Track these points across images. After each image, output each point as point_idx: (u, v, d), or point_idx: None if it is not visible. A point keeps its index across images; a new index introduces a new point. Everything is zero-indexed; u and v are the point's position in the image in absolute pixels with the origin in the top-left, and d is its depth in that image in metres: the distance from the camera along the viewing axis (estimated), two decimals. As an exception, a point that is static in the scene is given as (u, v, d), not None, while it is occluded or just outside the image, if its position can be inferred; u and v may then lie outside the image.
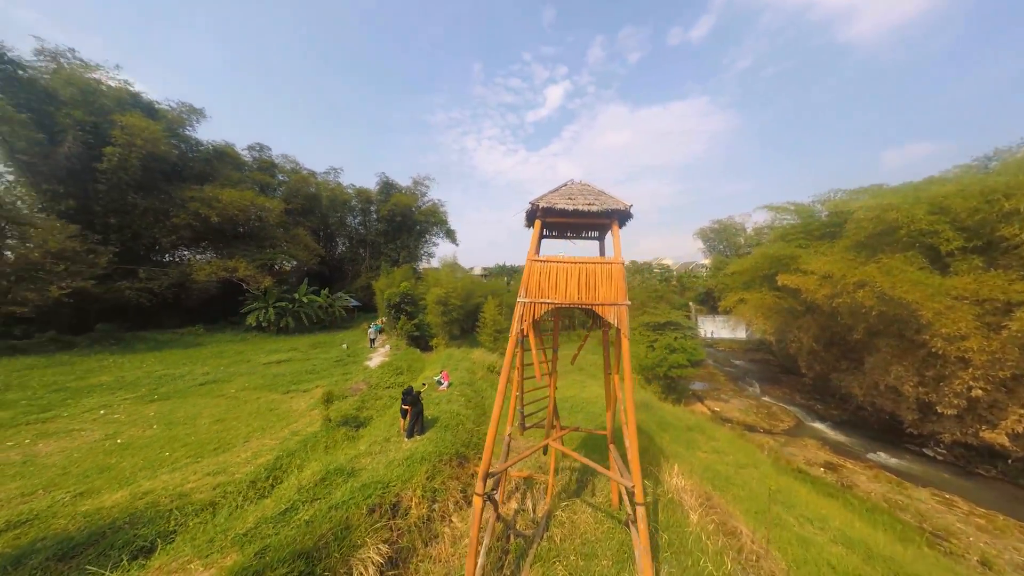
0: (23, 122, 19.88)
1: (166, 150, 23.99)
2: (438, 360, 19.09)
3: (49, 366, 15.87)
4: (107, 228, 23.66)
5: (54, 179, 21.76)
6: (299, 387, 14.20)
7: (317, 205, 41.20)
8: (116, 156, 21.72)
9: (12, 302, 16.88)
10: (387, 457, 7.92)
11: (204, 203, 24.95)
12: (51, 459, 8.18)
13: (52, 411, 11.12)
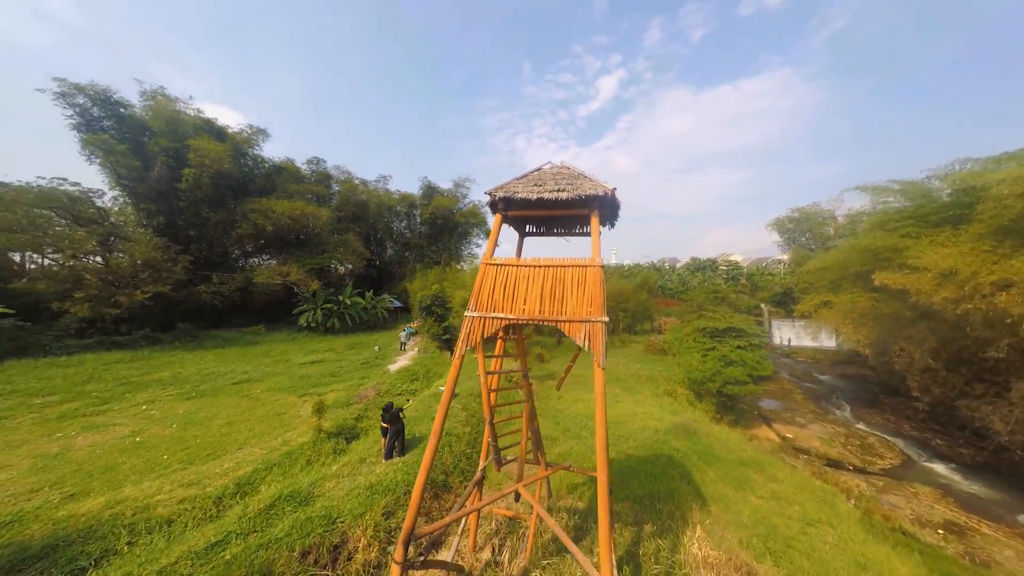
0: (124, 152, 23.61)
1: (231, 168, 26.90)
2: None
3: (130, 360, 18.38)
4: (188, 240, 27.25)
5: (148, 199, 25.58)
6: (316, 390, 14.51)
7: (366, 212, 43.70)
8: (191, 176, 24.82)
9: (109, 304, 20.01)
10: (353, 482, 7.25)
11: (261, 214, 27.53)
12: (78, 454, 8.95)
13: (109, 404, 12.55)
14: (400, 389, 14.51)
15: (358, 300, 32.53)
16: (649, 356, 28.95)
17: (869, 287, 17.64)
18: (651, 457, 11.00)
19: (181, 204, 26.20)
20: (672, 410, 16.99)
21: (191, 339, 24.71)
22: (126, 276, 20.89)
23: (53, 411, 11.79)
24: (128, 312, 21.51)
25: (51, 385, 14.03)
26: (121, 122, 24.64)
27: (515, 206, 5.82)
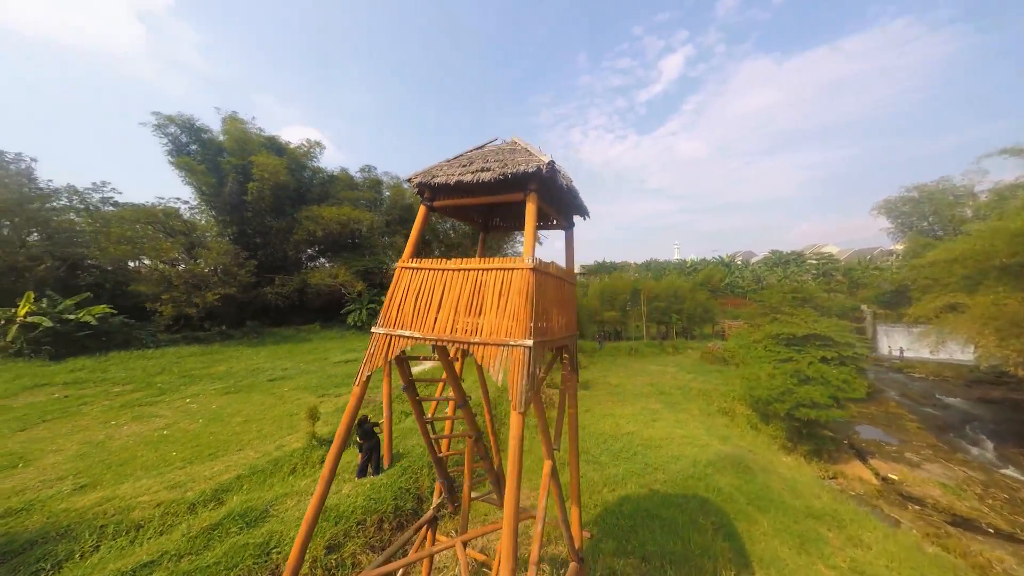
0: (203, 171, 27.25)
1: (288, 180, 29.57)
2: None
3: (200, 354, 20.93)
4: (255, 246, 30.66)
5: (224, 211, 29.27)
6: (337, 390, 14.87)
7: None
8: (255, 189, 27.77)
9: (187, 304, 23.15)
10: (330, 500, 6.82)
11: (312, 220, 29.87)
12: (114, 443, 9.97)
13: (164, 396, 14.14)
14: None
15: (400, 300, 33.81)
16: (706, 366, 25.42)
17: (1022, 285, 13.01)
18: (680, 498, 9.05)
19: (248, 215, 29.51)
20: (723, 435, 14.33)
21: (256, 336, 27.69)
22: (201, 280, 23.99)
23: (122, 399, 13.58)
24: (206, 311, 24.76)
25: (132, 375, 16.35)
26: (203, 145, 28.47)
27: (441, 193, 4.74)
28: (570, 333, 5.17)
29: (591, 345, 28.85)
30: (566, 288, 5.08)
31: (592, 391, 19.29)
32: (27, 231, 23.03)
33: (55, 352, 18.33)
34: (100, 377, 15.95)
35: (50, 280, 22.79)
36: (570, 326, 5.18)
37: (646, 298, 32.53)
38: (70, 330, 19.12)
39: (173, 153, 27.23)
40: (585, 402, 17.00)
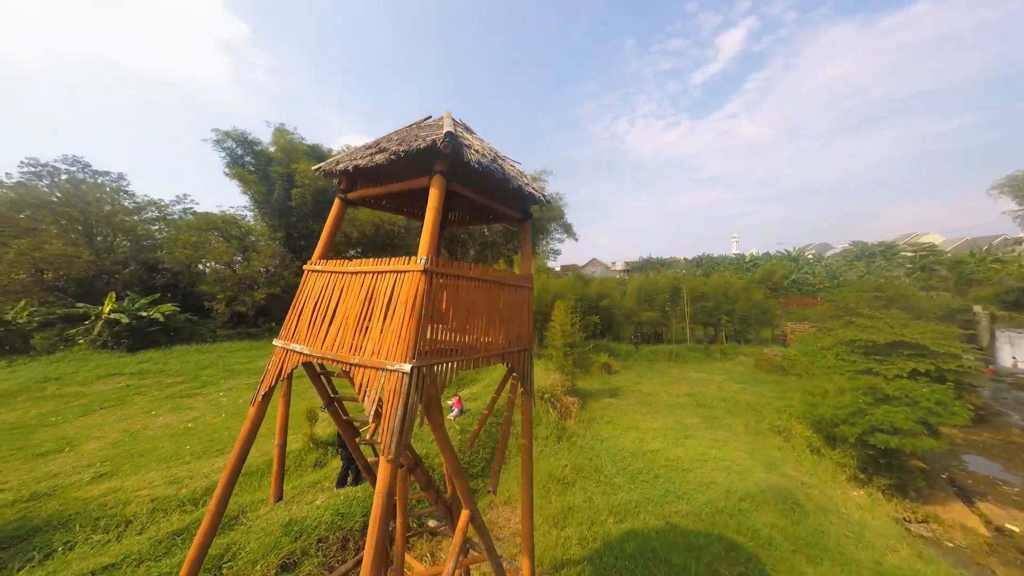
0: (254, 180, 29.80)
1: (326, 185, 31.31)
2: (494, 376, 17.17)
3: (247, 349, 22.79)
4: (300, 248, 32.96)
5: (273, 216, 31.83)
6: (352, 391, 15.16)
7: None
8: (297, 195, 29.78)
9: (238, 303, 25.45)
10: (285, 512, 6.65)
11: (348, 222, 31.33)
12: (145, 434, 10.88)
13: (205, 388, 15.41)
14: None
15: (432, 299, 34.48)
16: (759, 375, 22.45)
17: None
18: (701, 537, 7.67)
19: (293, 219, 31.75)
20: (770, 460, 12.31)
21: (301, 332, 29.77)
22: (250, 280, 26.24)
23: (170, 390, 15.02)
24: (256, 309, 27.14)
25: (184, 368, 18.13)
26: (255, 156, 31.14)
27: (356, 182, 4.12)
28: (519, 348, 4.30)
29: (626, 348, 26.95)
30: (511, 294, 4.21)
31: (620, 399, 17.79)
32: (117, 239, 26.77)
33: (131, 345, 21.06)
34: (159, 368, 17.88)
35: (134, 281, 26.37)
36: (520, 339, 4.31)
37: (690, 297, 29.71)
38: (143, 326, 21.85)
39: (230, 165, 30.08)
40: (609, 412, 15.67)
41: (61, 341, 20.48)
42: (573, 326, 16.99)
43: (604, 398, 17.65)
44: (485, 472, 9.71)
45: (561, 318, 16.97)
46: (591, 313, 25.93)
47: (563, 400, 14.32)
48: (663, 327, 31.64)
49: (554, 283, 22.35)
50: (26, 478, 8.04)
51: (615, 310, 28.93)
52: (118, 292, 23.28)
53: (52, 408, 12.72)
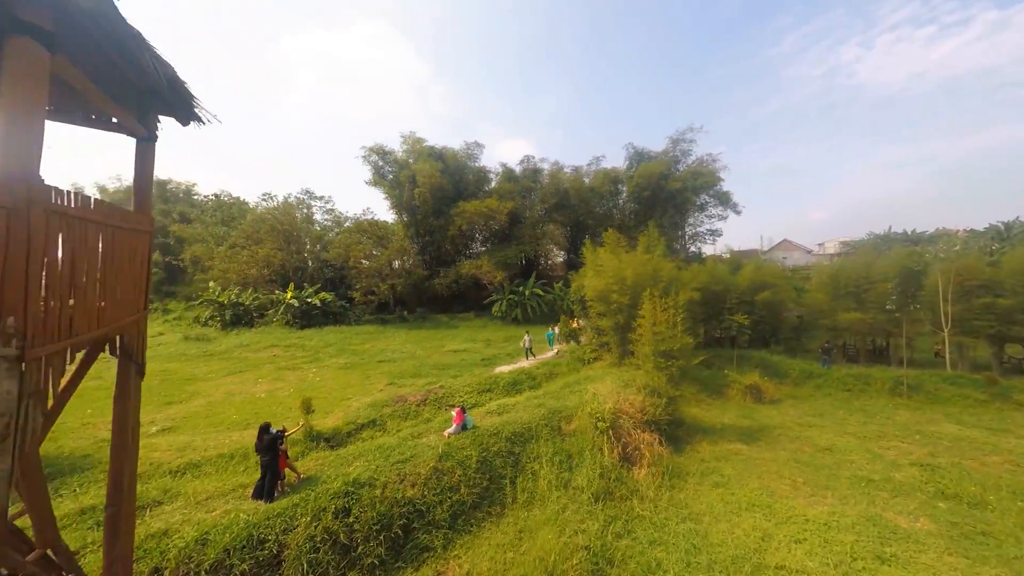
0: (388, 185, 35.09)
1: (440, 181, 33.80)
2: (569, 380, 13.74)
3: (371, 333, 26.66)
4: (425, 244, 36.98)
5: (405, 213, 36.81)
6: (411, 381, 14.91)
7: (568, 200, 43.34)
8: (419, 194, 33.30)
9: (371, 292, 30.26)
10: (194, 516, 6.08)
11: (459, 215, 32.93)
12: (233, 399, 13.19)
13: (311, 363, 18.29)
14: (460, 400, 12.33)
15: (538, 291, 32.60)
16: (910, 406, 10.72)
17: None
18: None
19: (419, 217, 35.80)
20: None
21: (423, 319, 33.30)
22: (379, 272, 30.84)
23: (292, 362, 18.49)
24: (394, 298, 32.03)
25: (316, 344, 22.31)
26: (393, 165, 36.66)
27: None
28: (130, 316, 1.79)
29: (804, 365, 18.04)
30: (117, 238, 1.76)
31: (759, 447, 11.45)
32: (305, 243, 35.99)
33: (302, 324, 27.85)
34: (303, 344, 22.56)
35: (316, 276, 35.19)
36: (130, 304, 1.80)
37: (955, 288, 17.63)
38: (309, 309, 28.61)
39: (372, 175, 36.24)
40: (727, 467, 10.02)
41: (261, 318, 28.87)
42: (673, 326, 11.80)
43: (730, 441, 11.72)
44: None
45: (652, 313, 12.08)
46: (738, 310, 18.56)
47: (633, 435, 9.88)
48: (889, 336, 20.07)
49: (665, 267, 16.77)
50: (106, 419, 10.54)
51: (781, 306, 19.94)
52: (305, 284, 31.31)
53: (217, 367, 17.31)
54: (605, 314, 16.12)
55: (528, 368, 16.19)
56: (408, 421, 10.76)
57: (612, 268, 15.92)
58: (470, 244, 40.82)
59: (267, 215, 33.14)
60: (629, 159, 40.96)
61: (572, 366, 17.02)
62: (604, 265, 16.46)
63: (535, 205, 42.53)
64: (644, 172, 36.89)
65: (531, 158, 46.47)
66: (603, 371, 14.82)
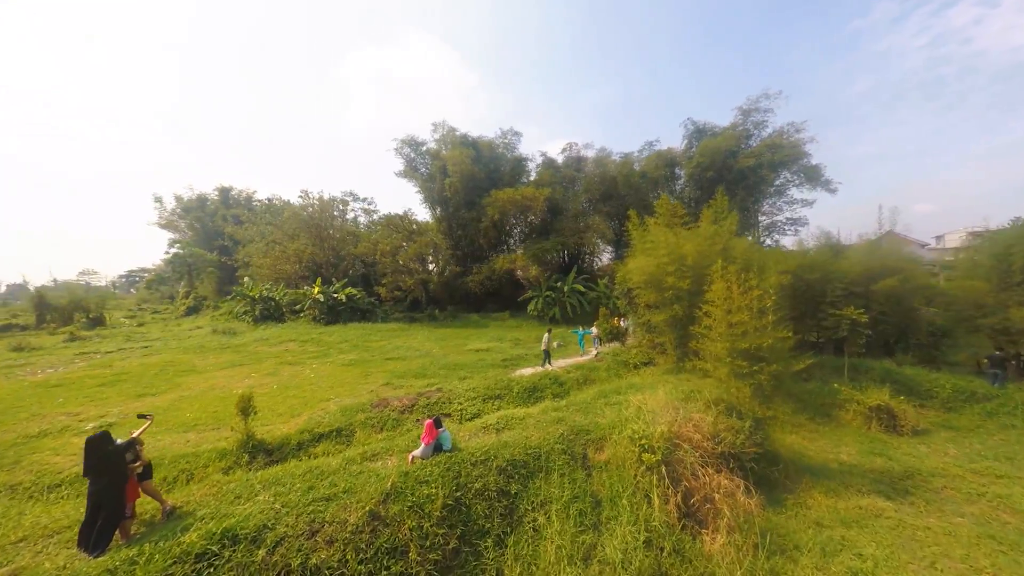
0: (420, 176, 33.99)
1: (472, 169, 31.87)
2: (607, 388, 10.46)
3: (393, 330, 25.16)
4: (457, 238, 35.25)
5: (436, 206, 35.46)
6: (410, 381, 12.61)
7: (615, 188, 39.43)
8: (449, 184, 31.68)
9: (397, 287, 28.98)
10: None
11: (491, 205, 30.68)
12: (213, 393, 11.77)
13: (317, 359, 16.82)
14: (457, 408, 9.66)
15: (579, 288, 29.17)
16: None
17: None
18: None
19: (451, 210, 34.20)
20: None
21: (453, 317, 31.42)
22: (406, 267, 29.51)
23: (297, 357, 17.20)
24: (426, 295, 30.63)
25: (333, 340, 21.11)
26: (424, 157, 35.62)
27: None
28: None
29: (966, 382, 12.83)
30: None
31: (909, 504, 7.33)
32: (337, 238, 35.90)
33: (327, 320, 27.24)
34: (319, 339, 21.50)
35: (348, 271, 34.98)
36: None
37: None
38: (335, 305, 27.98)
39: (404, 167, 35.38)
40: (871, 534, 6.25)
41: (294, 313, 28.72)
42: (759, 315, 8.05)
43: (861, 491, 7.69)
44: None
45: (727, 295, 8.45)
46: (845, 304, 13.90)
47: (700, 476, 6.42)
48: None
49: (738, 244, 12.83)
50: (72, 410, 9.30)
51: (912, 299, 14.68)
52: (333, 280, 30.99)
53: (223, 360, 16.45)
54: (658, 305, 12.57)
55: (556, 371, 13.10)
56: (383, 433, 8.33)
57: (667, 245, 12.35)
58: (505, 239, 38.47)
59: (301, 211, 33.54)
60: (688, 137, 36.03)
61: (613, 371, 13.63)
62: (656, 242, 12.93)
63: (578, 196, 39.17)
64: (707, 149, 31.96)
65: (574, 145, 43.38)
66: (655, 378, 11.29)
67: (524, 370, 13.74)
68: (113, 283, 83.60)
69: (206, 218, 55.38)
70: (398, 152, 35.36)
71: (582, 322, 26.02)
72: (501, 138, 37.07)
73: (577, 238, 34.88)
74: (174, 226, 55.58)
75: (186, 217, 55.34)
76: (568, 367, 13.97)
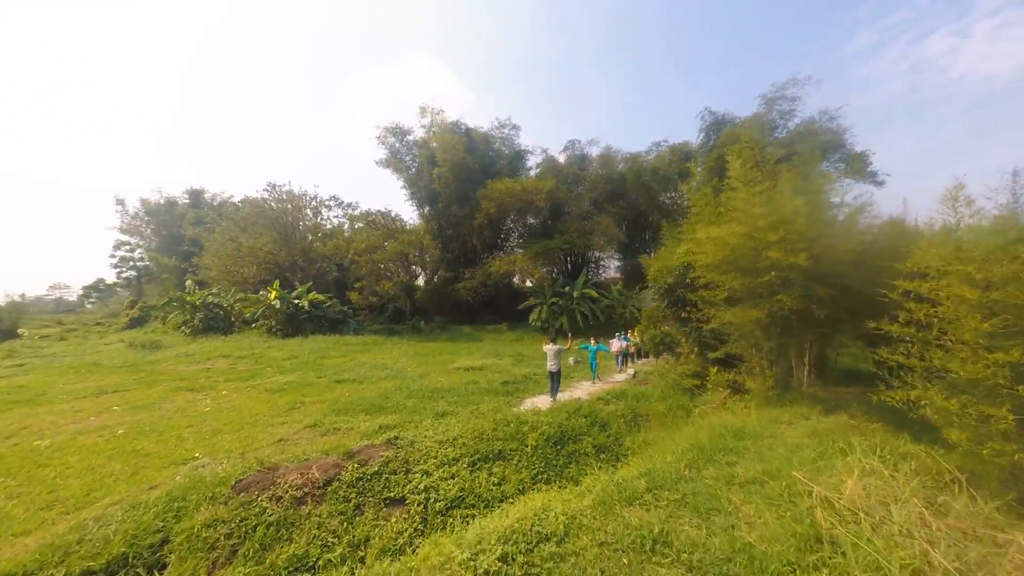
0: (405, 169, 29.87)
1: (465, 158, 27.83)
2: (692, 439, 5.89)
3: (365, 344, 20.40)
4: (447, 239, 30.88)
5: (424, 204, 31.23)
6: (354, 419, 7.88)
7: (623, 187, 35.72)
8: (438, 175, 27.56)
9: (372, 293, 24.34)
10: None
11: (487, 198, 26.52)
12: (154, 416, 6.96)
13: (248, 380, 12.04)
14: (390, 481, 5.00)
15: (591, 292, 24.78)
16: None
17: None
18: None
19: (440, 206, 29.94)
20: None
21: (440, 330, 26.69)
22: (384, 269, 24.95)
23: (212, 379, 12.37)
24: (412, 305, 26.01)
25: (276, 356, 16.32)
26: (411, 148, 31.61)
27: None
28: None
29: None
30: None
31: None
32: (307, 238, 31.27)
33: (285, 331, 22.36)
34: (261, 355, 16.64)
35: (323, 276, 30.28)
36: None
37: None
38: (295, 313, 23.18)
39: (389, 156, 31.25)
40: None
41: (248, 324, 23.80)
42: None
43: None
44: None
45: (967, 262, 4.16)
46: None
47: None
48: None
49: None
50: None
51: None
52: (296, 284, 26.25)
53: (101, 383, 11.58)
54: (739, 298, 8.16)
55: (584, 403, 8.46)
56: (242, 569, 3.59)
57: (755, 207, 8.03)
58: (502, 241, 34.23)
59: (264, 204, 28.93)
60: (705, 130, 32.44)
61: (671, 399, 9.05)
62: (736, 204, 8.59)
63: (583, 196, 35.25)
64: (728, 140, 28.39)
65: (577, 143, 39.68)
66: (762, 416, 6.74)
67: (536, 399, 9.11)
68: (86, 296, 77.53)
69: (173, 223, 50.68)
70: (381, 142, 31.27)
71: (594, 334, 21.46)
72: (498, 129, 33.28)
73: (584, 240, 30.73)
74: (138, 231, 50.64)
75: (152, 222, 50.54)
76: (600, 394, 9.36)
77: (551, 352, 9.11)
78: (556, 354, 9.07)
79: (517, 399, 9.43)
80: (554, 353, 9.07)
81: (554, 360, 9.04)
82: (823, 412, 7.31)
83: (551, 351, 9.13)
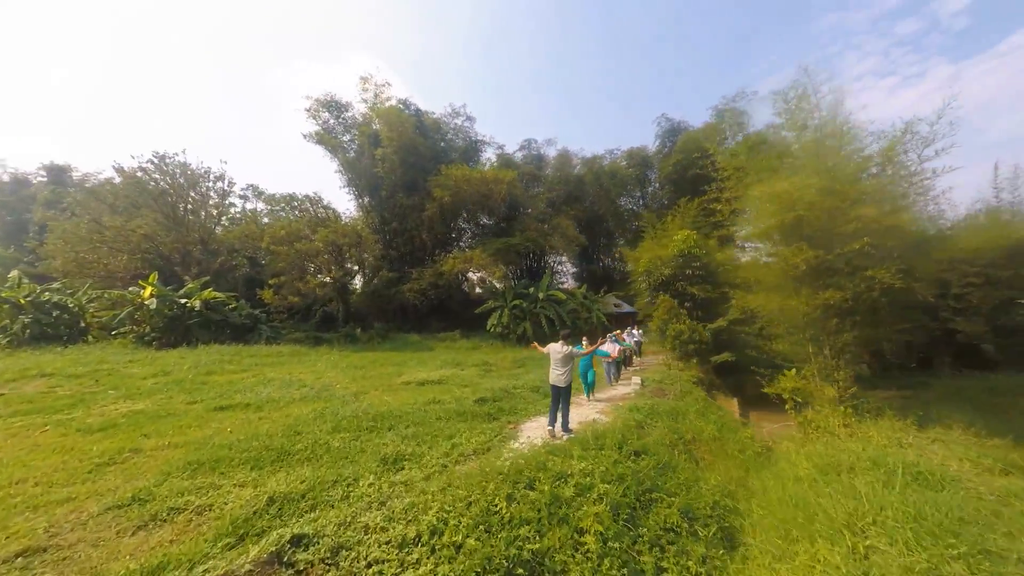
0: (343, 147, 25.52)
1: (414, 139, 24.51)
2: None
3: (282, 355, 15.83)
4: (392, 233, 26.92)
5: (365, 192, 26.97)
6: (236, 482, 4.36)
7: (582, 190, 34.85)
8: (381, 156, 23.77)
9: (294, 292, 19.59)
10: None
11: (440, 186, 23.33)
12: None
13: (66, 410, 7.41)
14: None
15: (558, 294, 22.63)
16: None
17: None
18: None
19: (384, 194, 26.02)
20: None
21: (382, 338, 22.53)
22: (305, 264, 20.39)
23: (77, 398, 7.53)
24: (346, 309, 21.41)
25: (130, 374, 11.43)
26: (347, 126, 27.31)
27: None
28: None
29: None
30: None
31: None
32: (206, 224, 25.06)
33: (164, 341, 16.72)
34: (111, 371, 11.63)
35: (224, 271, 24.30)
36: None
37: None
38: (180, 316, 17.62)
39: (321, 132, 26.57)
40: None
41: (109, 331, 17.58)
42: None
43: None
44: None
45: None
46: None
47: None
48: None
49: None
50: None
51: None
52: (189, 280, 20.38)
53: None
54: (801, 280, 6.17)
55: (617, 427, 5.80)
56: None
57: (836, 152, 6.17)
58: (455, 238, 31.04)
59: (145, 177, 22.38)
60: (661, 136, 33.02)
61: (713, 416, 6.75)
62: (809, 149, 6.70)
63: (539, 197, 33.55)
64: (687, 145, 28.70)
65: (533, 142, 38.50)
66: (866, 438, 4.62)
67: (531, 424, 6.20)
68: None
69: (20, 205, 39.63)
70: (312, 115, 26.53)
71: (565, 340, 19.08)
72: (451, 117, 30.44)
73: (544, 240, 28.77)
74: (-35, 216, 38.52)
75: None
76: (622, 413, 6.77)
77: (558, 357, 6.20)
78: (566, 360, 6.19)
79: (509, 425, 6.43)
80: (563, 359, 6.18)
81: (563, 369, 6.10)
82: (916, 425, 5.46)
83: (558, 355, 6.20)
